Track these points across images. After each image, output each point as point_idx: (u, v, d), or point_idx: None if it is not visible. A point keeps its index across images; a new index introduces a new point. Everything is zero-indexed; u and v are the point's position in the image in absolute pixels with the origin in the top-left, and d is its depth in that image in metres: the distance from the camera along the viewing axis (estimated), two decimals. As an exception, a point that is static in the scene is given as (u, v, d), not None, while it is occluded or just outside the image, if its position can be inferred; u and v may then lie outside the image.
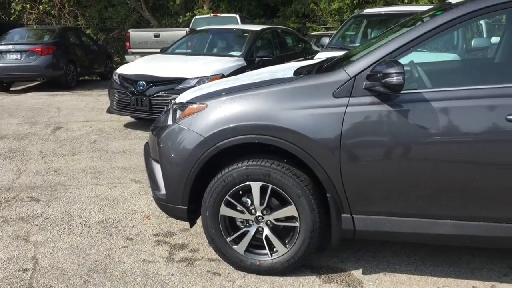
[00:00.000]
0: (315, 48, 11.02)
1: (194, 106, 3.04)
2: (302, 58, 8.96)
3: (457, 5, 2.84)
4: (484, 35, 6.94)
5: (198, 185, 2.97)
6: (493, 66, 3.66)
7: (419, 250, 3.23)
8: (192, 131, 2.93)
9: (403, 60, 2.97)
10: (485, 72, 3.61)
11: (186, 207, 3.00)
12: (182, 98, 3.34)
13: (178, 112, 3.16)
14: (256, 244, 2.98)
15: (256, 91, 2.92)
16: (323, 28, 19.62)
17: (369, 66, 2.69)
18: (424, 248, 3.25)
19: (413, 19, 3.38)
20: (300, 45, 10.53)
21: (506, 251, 3.13)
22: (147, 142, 3.56)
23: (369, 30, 8.60)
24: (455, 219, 2.65)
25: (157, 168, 3.17)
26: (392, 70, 2.50)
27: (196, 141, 2.89)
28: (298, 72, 3.34)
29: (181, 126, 3.00)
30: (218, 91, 3.12)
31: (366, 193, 2.72)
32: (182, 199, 2.99)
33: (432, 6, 3.83)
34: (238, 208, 2.93)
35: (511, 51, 3.42)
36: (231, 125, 2.84)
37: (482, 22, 6.81)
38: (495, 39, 5.25)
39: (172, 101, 3.56)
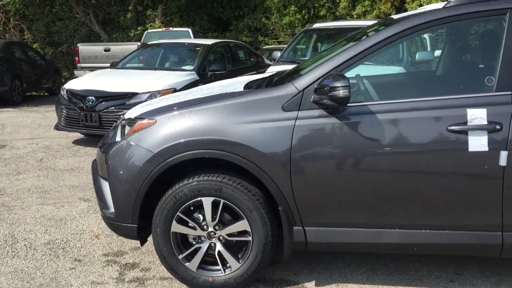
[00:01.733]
0: (267, 61, 11.13)
1: (143, 121, 2.99)
2: (255, 72, 9.04)
3: (398, 20, 2.95)
4: (429, 49, 7.24)
5: (148, 202, 2.91)
6: (435, 79, 3.81)
7: (370, 260, 3.28)
8: (141, 147, 2.87)
9: (350, 74, 3.05)
10: (428, 84, 3.75)
11: (136, 225, 2.93)
12: (131, 113, 3.28)
13: (127, 128, 3.09)
14: (209, 260, 2.94)
15: (206, 106, 2.91)
16: (275, 42, 19.89)
17: (316, 80, 2.73)
18: (375, 257, 3.31)
19: (359, 33, 3.48)
20: (252, 59, 10.62)
21: (451, 257, 3.23)
22: (94, 159, 3.46)
23: (319, 44, 8.80)
24: (403, 228, 2.72)
25: (105, 185, 3.08)
26: (338, 84, 2.55)
27: (145, 157, 2.84)
28: (249, 86, 3.35)
29: (130, 142, 2.94)
30: (168, 106, 3.08)
31: (316, 205, 2.75)
32: (132, 217, 2.92)
33: (376, 21, 3.95)
34: (190, 224, 2.88)
35: (451, 64, 3.57)
36: (181, 140, 2.81)
37: (426, 36, 7.11)
38: (438, 52, 5.47)
39: (121, 116, 3.48)
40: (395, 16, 3.42)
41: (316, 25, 8.79)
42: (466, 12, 2.70)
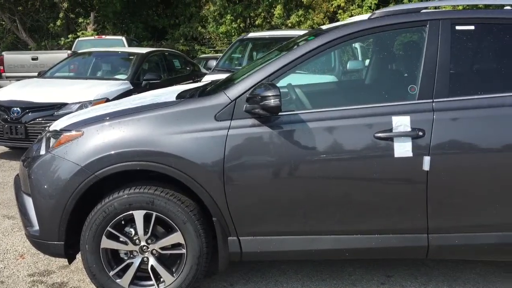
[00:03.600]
0: (204, 70, 11.08)
1: (70, 133, 2.86)
2: (191, 81, 8.97)
3: (327, 31, 3.03)
4: (360, 58, 7.48)
5: (76, 218, 2.79)
6: (364, 87, 3.93)
7: (305, 266, 3.32)
8: (67, 160, 2.74)
9: (282, 83, 3.09)
10: (357, 93, 3.88)
11: (63, 243, 2.79)
12: (57, 125, 3.13)
13: (52, 141, 2.94)
14: (142, 275, 2.85)
15: (136, 116, 2.83)
16: (212, 51, 19.88)
17: (248, 89, 2.74)
18: (310, 264, 3.35)
19: (290, 43, 3.54)
20: (188, 68, 10.52)
21: (382, 260, 3.33)
22: (17, 174, 3.27)
23: (255, 53, 8.87)
24: (335, 234, 2.77)
25: (29, 202, 2.91)
26: (269, 93, 2.57)
27: (72, 171, 2.72)
28: (181, 96, 3.31)
29: (55, 155, 2.80)
30: (96, 117, 2.97)
31: (251, 214, 2.75)
32: (58, 234, 2.77)
33: (307, 31, 4.04)
34: (121, 239, 2.78)
35: (377, 73, 3.71)
36: (110, 153, 2.71)
37: (357, 45, 7.35)
38: (368, 62, 5.67)
39: (47, 128, 3.32)
40: (324, 27, 3.51)
41: (251, 34, 8.87)
42: (389, 23, 2.82)
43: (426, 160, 2.62)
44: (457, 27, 2.77)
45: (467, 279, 3.14)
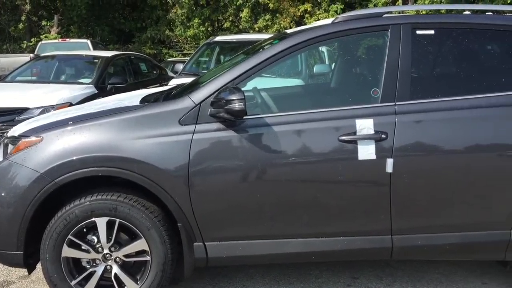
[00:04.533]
0: (171, 74, 10.98)
1: (28, 139, 2.77)
2: (158, 85, 8.87)
3: (291, 35, 3.04)
4: (326, 62, 7.56)
5: (35, 226, 2.70)
6: (329, 91, 3.97)
7: (273, 270, 3.31)
8: (25, 167, 2.66)
9: (248, 86, 3.08)
10: (322, 96, 3.91)
11: (22, 252, 2.70)
12: (15, 131, 3.03)
13: (10, 147, 2.85)
14: (105, 284, 2.78)
15: (98, 121, 2.77)
16: (180, 55, 19.75)
17: (213, 93, 2.72)
18: (277, 267, 3.34)
19: (255, 47, 3.53)
20: (155, 72, 10.41)
21: (349, 262, 3.35)
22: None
23: (222, 57, 8.85)
24: (302, 237, 2.77)
25: (-15, 211, 2.80)
26: (233, 97, 2.56)
27: (30, 178, 2.64)
28: (146, 100, 3.26)
29: (13, 161, 2.71)
30: (56, 122, 2.90)
31: (217, 219, 2.73)
32: (17, 243, 2.68)
33: (273, 35, 4.05)
34: (83, 247, 2.72)
35: (342, 77, 3.75)
36: (71, 158, 2.64)
37: (324, 49, 7.43)
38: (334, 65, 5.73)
39: (5, 134, 3.21)
40: (289, 31, 3.53)
41: (218, 38, 8.85)
42: (352, 27, 2.85)
43: (389, 162, 2.65)
44: (418, 32, 2.83)
45: (430, 278, 3.20)
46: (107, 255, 2.73)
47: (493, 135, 2.70)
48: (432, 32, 2.86)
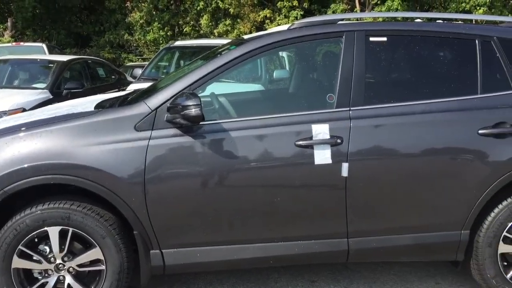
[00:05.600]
0: (130, 79, 10.81)
1: (-26, 147, 2.66)
2: (117, 90, 8.71)
3: (248, 40, 3.06)
4: (287, 67, 7.63)
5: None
6: (287, 96, 4.00)
7: (232, 276, 3.30)
8: (-27, 176, 2.55)
9: (206, 92, 3.08)
10: (280, 101, 3.94)
11: (-32, 265, 2.59)
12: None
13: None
14: (58, 295, 2.70)
15: (50, 127, 2.70)
16: (140, 59, 19.47)
17: (169, 99, 2.70)
18: (236, 273, 3.33)
19: (212, 52, 3.53)
20: (113, 77, 10.21)
21: (307, 265, 3.38)
22: None
23: (182, 62, 8.79)
24: (260, 242, 2.78)
25: None
26: (190, 102, 2.54)
27: (-22, 187, 2.53)
28: (101, 106, 3.20)
29: (-41, 170, 2.59)
30: (5, 129, 2.82)
31: (174, 226, 2.70)
32: (-37, 255, 2.57)
33: (230, 40, 4.06)
34: (34, 258, 2.63)
35: (299, 82, 3.79)
36: (21, 166, 2.56)
37: (284, 54, 7.49)
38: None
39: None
40: (246, 36, 3.54)
41: (178, 43, 8.81)
42: (307, 34, 2.89)
43: (345, 166, 2.70)
44: (371, 39, 2.89)
45: (386, 279, 3.27)
46: (60, 265, 2.66)
47: (443, 139, 2.79)
48: (384, 39, 2.94)
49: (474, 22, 4.71)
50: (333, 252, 2.82)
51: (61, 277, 2.67)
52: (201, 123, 2.67)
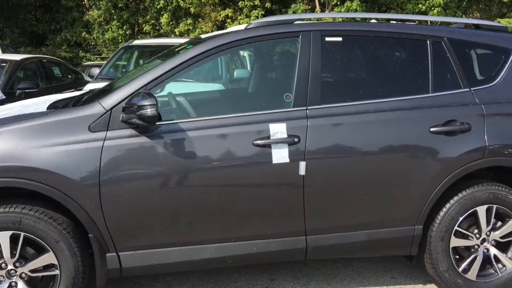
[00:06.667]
0: (87, 78, 10.56)
1: None
2: (73, 90, 8.50)
3: (204, 40, 3.04)
4: (248, 67, 7.63)
5: None
6: (247, 96, 4.00)
7: (191, 277, 3.28)
8: None
9: (163, 92, 3.04)
10: (239, 101, 3.93)
11: None
12: None
13: None
14: (10, 302, 2.61)
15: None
16: (98, 58, 19.05)
17: (124, 99, 2.66)
18: (196, 274, 3.32)
19: (169, 52, 3.49)
20: (70, 76, 9.95)
21: (267, 264, 3.40)
22: None
23: (141, 61, 8.66)
24: (218, 242, 2.77)
25: None
26: (146, 102, 2.51)
27: None
28: (54, 106, 3.12)
29: None
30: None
31: (130, 228, 2.66)
32: None
33: (187, 40, 4.03)
34: (-17, 264, 2.53)
35: (258, 82, 3.80)
36: (-32, 169, 2.45)
37: (245, 54, 7.49)
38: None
39: None
40: (203, 36, 3.52)
41: (137, 42, 8.67)
42: (264, 34, 2.90)
43: (302, 165, 2.72)
44: (327, 39, 2.93)
45: (344, 276, 3.33)
46: (12, 271, 2.57)
47: (397, 138, 2.85)
48: (340, 39, 2.98)
49: (429, 23, 4.82)
50: (291, 250, 2.85)
51: (13, 283, 2.58)
52: (158, 123, 2.64)
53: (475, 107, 2.92)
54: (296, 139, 2.72)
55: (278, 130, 2.73)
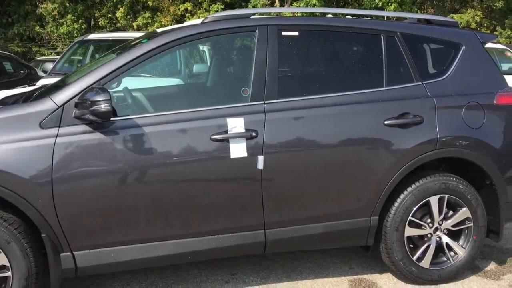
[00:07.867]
0: (41, 74, 10.23)
1: None
2: (26, 85, 8.21)
3: (160, 34, 2.99)
4: (208, 61, 7.57)
5: None
6: (205, 90, 3.97)
7: (150, 274, 3.24)
8: None
9: (119, 87, 2.98)
10: (198, 96, 3.90)
11: None
12: None
13: None
14: (-41, 307, 2.51)
15: None
16: (53, 53, 18.47)
17: (77, 94, 2.59)
18: (155, 271, 3.28)
19: (124, 46, 3.42)
20: (22, 71, 9.63)
21: (227, 258, 3.39)
22: None
23: (97, 55, 8.46)
24: (176, 239, 2.74)
25: None
26: (99, 98, 2.45)
27: None
28: (4, 102, 3.01)
29: None
30: None
31: (84, 227, 2.60)
32: None
33: (143, 34, 3.96)
34: None
35: (216, 76, 3.78)
36: None
37: (205, 48, 7.44)
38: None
39: None
40: (159, 30, 3.47)
41: (92, 36, 8.47)
42: (220, 28, 2.89)
43: (260, 159, 2.73)
44: (283, 33, 2.94)
45: (303, 268, 3.37)
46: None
47: (352, 130, 2.90)
48: (296, 33, 3.00)
49: (385, 18, 4.93)
50: (250, 244, 2.85)
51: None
52: (113, 118, 2.59)
53: (427, 100, 3.01)
54: (254, 134, 2.73)
55: (236, 124, 2.73)
